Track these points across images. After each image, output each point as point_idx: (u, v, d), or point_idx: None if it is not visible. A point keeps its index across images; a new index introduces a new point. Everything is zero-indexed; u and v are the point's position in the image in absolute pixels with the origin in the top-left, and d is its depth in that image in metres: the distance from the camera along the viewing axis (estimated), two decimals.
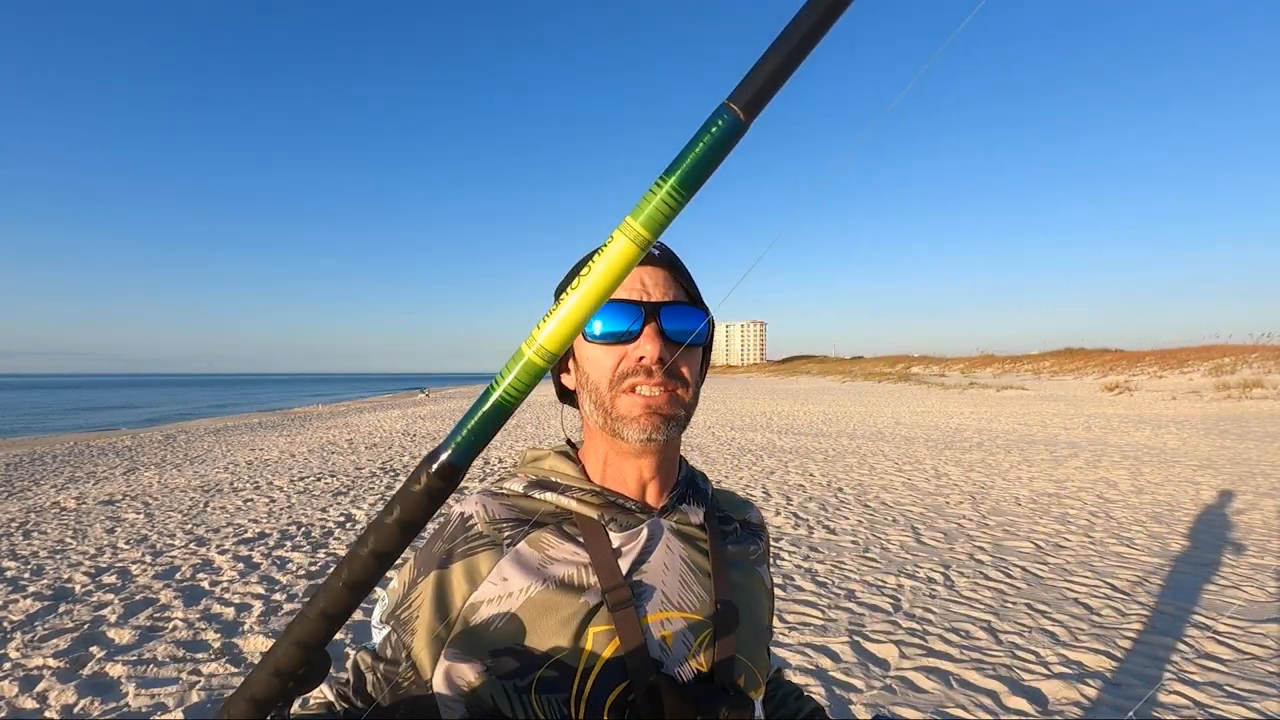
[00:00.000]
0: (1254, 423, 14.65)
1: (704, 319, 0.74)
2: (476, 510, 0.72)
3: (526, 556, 0.69)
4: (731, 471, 8.65)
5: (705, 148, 0.36)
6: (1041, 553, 4.87)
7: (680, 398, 0.72)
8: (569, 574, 0.68)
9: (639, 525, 0.72)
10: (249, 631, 3.53)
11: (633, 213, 0.38)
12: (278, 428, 17.76)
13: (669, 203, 0.37)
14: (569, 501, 0.73)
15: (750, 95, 0.36)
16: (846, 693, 2.86)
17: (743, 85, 0.36)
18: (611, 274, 0.38)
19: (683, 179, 0.37)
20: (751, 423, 16.18)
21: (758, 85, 0.36)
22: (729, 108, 0.36)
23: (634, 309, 0.70)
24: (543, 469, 0.78)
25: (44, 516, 6.59)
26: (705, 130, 0.37)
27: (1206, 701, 2.74)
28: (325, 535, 5.54)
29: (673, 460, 0.79)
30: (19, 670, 3.12)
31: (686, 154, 0.37)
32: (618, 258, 0.38)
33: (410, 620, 0.68)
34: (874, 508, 6.40)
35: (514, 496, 0.75)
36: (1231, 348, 31.02)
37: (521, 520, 0.72)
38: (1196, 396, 21.82)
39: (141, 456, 11.81)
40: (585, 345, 0.73)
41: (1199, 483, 7.50)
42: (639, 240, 0.38)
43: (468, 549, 0.69)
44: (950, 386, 34.18)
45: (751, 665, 0.73)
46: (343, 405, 32.87)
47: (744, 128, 0.36)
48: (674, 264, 0.76)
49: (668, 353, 0.70)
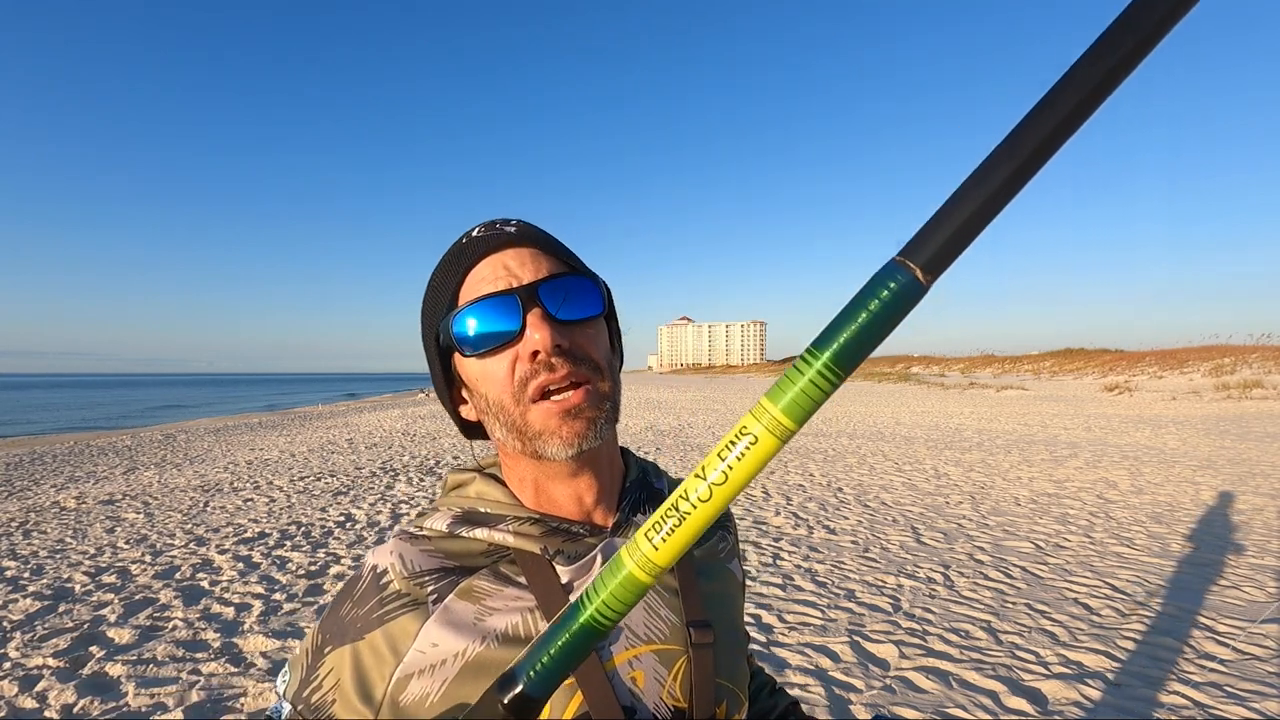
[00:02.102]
0: (1254, 423, 14.65)
1: (594, 286, 0.64)
2: (391, 563, 0.60)
3: (458, 612, 0.58)
4: None
5: (872, 317, 0.28)
6: (1041, 553, 4.87)
7: (597, 388, 0.61)
8: (512, 624, 0.58)
9: (589, 552, 0.62)
10: (249, 631, 3.53)
11: (770, 394, 0.30)
12: (278, 427, 17.77)
13: (820, 385, 0.29)
14: (504, 536, 0.62)
15: (933, 252, 0.27)
16: (846, 693, 2.86)
17: (923, 238, 0.28)
18: (747, 471, 0.31)
19: (840, 355, 0.29)
20: None
21: (944, 239, 0.27)
22: (905, 266, 0.28)
23: (508, 299, 0.59)
24: (468, 497, 0.66)
25: (44, 516, 6.59)
26: (872, 294, 0.28)
27: (1206, 702, 2.73)
28: (325, 535, 5.54)
29: (614, 463, 0.68)
30: (19, 670, 3.12)
31: (846, 322, 0.28)
32: (753, 455, 0.30)
33: (324, 704, 0.56)
34: (874, 508, 6.40)
35: (437, 538, 0.63)
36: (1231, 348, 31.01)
37: (447, 570, 0.60)
38: (1196, 397, 21.82)
39: (141, 456, 11.81)
40: (468, 363, 0.62)
41: (1199, 483, 7.49)
42: (780, 432, 0.30)
43: (385, 613, 0.58)
44: (950, 386, 34.16)
45: (732, 686, 0.66)
46: (343, 405, 32.88)
47: (924, 291, 0.28)
48: (536, 236, 0.65)
49: (563, 337, 0.59)
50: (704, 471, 0.32)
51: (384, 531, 5.65)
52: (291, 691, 0.59)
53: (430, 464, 9.63)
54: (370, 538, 5.43)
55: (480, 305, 0.60)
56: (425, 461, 9.88)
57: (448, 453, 10.90)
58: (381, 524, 5.90)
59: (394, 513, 6.36)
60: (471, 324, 0.60)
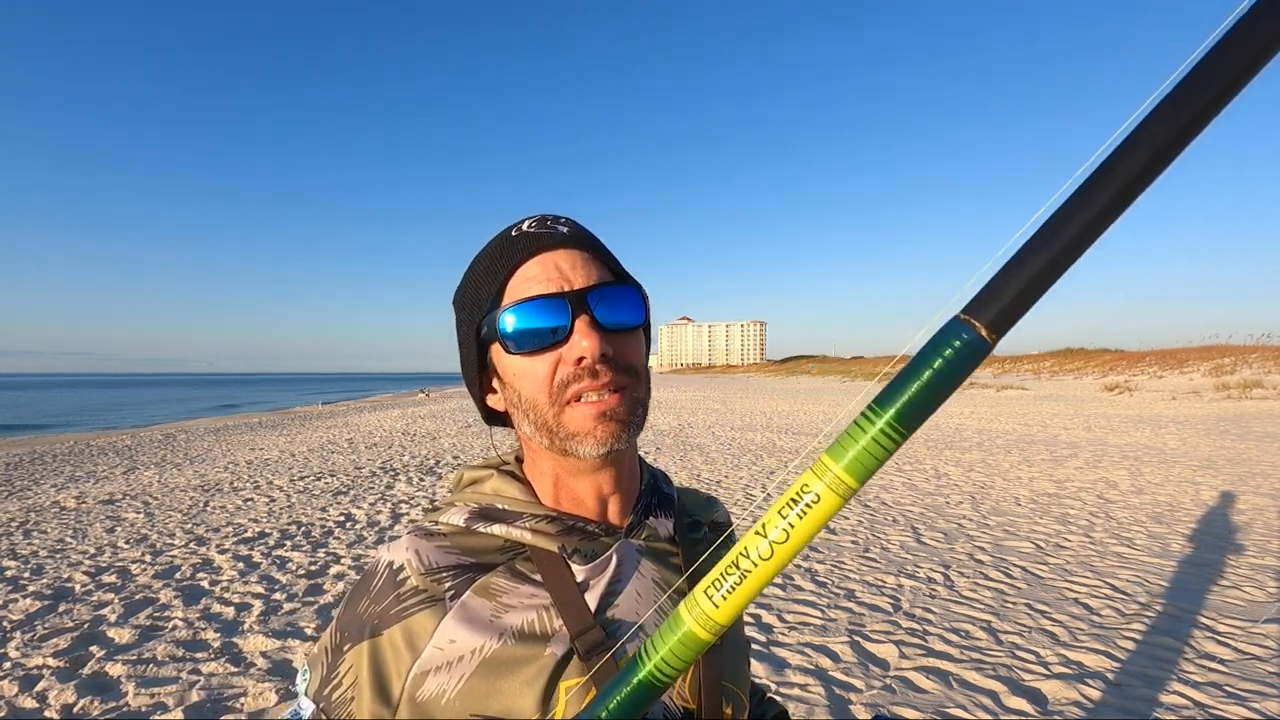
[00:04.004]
0: (1254, 423, 14.65)
1: (639, 296, 0.65)
2: (408, 559, 0.60)
3: (475, 609, 0.58)
4: (731, 471, 8.65)
5: (935, 374, 0.28)
6: (1041, 553, 4.87)
7: (634, 393, 0.62)
8: (529, 621, 0.59)
9: (605, 551, 0.64)
10: (249, 631, 3.53)
11: (832, 452, 0.31)
12: (278, 427, 17.77)
13: (883, 443, 0.29)
14: (521, 533, 0.62)
15: (999, 310, 0.27)
16: (846, 693, 2.86)
17: (988, 295, 0.28)
18: (809, 529, 0.31)
19: (903, 414, 0.29)
20: (751, 422, 16.17)
21: (1010, 297, 0.27)
22: (969, 324, 0.28)
23: (558, 303, 0.60)
24: (485, 494, 0.66)
25: (44, 516, 6.60)
26: (935, 352, 0.28)
27: (1206, 701, 2.73)
28: (325, 535, 5.54)
29: (634, 466, 0.70)
30: (19, 670, 3.12)
31: (909, 380, 0.29)
32: (815, 513, 0.31)
33: (344, 702, 0.57)
34: (874, 508, 6.40)
35: (453, 534, 0.63)
36: (1231, 348, 31.00)
37: (464, 566, 0.61)
38: (1196, 396, 21.82)
39: (141, 456, 11.82)
40: (508, 358, 0.62)
41: (1199, 483, 7.49)
42: (842, 491, 0.30)
43: (402, 609, 0.58)
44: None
45: (737, 690, 0.67)
46: (343, 405, 32.88)
47: (989, 349, 0.28)
48: (587, 240, 0.65)
49: (608, 345, 0.60)
50: (764, 529, 0.32)
51: (384, 531, 5.65)
52: (313, 690, 0.59)
53: (430, 464, 9.63)
54: (370, 537, 5.43)
55: (530, 305, 0.60)
56: (425, 461, 9.88)
57: (448, 453, 10.90)
58: (381, 524, 5.90)
59: (394, 512, 6.36)
60: (520, 322, 0.60)
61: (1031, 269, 0.26)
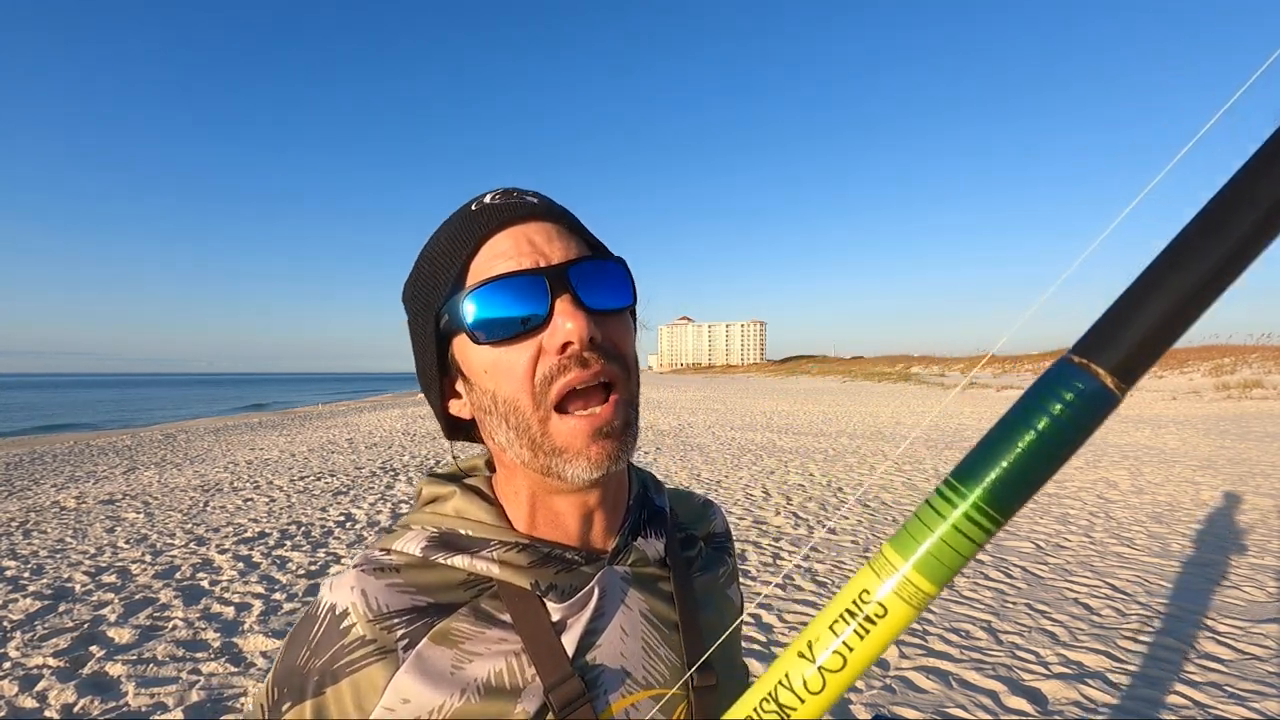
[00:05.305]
0: (1254, 423, 14.65)
1: (624, 273, 0.56)
2: (353, 602, 0.51)
3: (433, 661, 0.50)
4: (731, 471, 8.65)
5: (1041, 438, 0.20)
6: (1041, 553, 4.87)
7: (627, 393, 0.53)
8: (496, 672, 0.50)
9: (586, 585, 0.54)
10: (249, 631, 3.53)
11: (898, 543, 0.22)
12: (278, 427, 17.77)
13: (969, 533, 0.21)
14: (487, 565, 0.53)
15: (1127, 353, 0.19)
16: (846, 692, 2.86)
17: (1110, 332, 0.20)
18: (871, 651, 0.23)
19: (997, 492, 0.20)
20: (751, 422, 16.17)
21: (1141, 335, 0.19)
22: (1087, 370, 0.20)
23: (534, 280, 0.50)
24: (445, 515, 0.57)
25: (44, 516, 6.60)
26: (1041, 407, 0.20)
27: (1206, 702, 2.73)
28: (325, 535, 5.55)
29: (622, 476, 0.60)
30: (19, 669, 3.12)
31: (1004, 445, 0.20)
32: (879, 632, 0.22)
33: None
34: (874, 508, 6.40)
35: (407, 566, 0.54)
36: (1231, 348, 30.99)
37: (419, 610, 0.51)
38: (1196, 396, 21.81)
39: (141, 456, 11.82)
40: (476, 351, 0.52)
41: (1199, 483, 7.49)
42: (917, 601, 0.23)
43: (348, 663, 0.49)
44: (950, 386, 34.16)
45: None
46: (343, 405, 32.88)
47: (1116, 403, 0.21)
48: (560, 212, 0.56)
49: (596, 328, 0.50)
50: (810, 650, 0.24)
51: (384, 532, 5.64)
52: None
53: (430, 464, 9.63)
54: (370, 537, 5.43)
55: (500, 284, 0.50)
56: (425, 461, 9.89)
57: (448, 453, 10.87)
58: (382, 524, 5.91)
59: (394, 512, 6.36)
60: (488, 305, 0.50)
61: (1173, 296, 0.19)
